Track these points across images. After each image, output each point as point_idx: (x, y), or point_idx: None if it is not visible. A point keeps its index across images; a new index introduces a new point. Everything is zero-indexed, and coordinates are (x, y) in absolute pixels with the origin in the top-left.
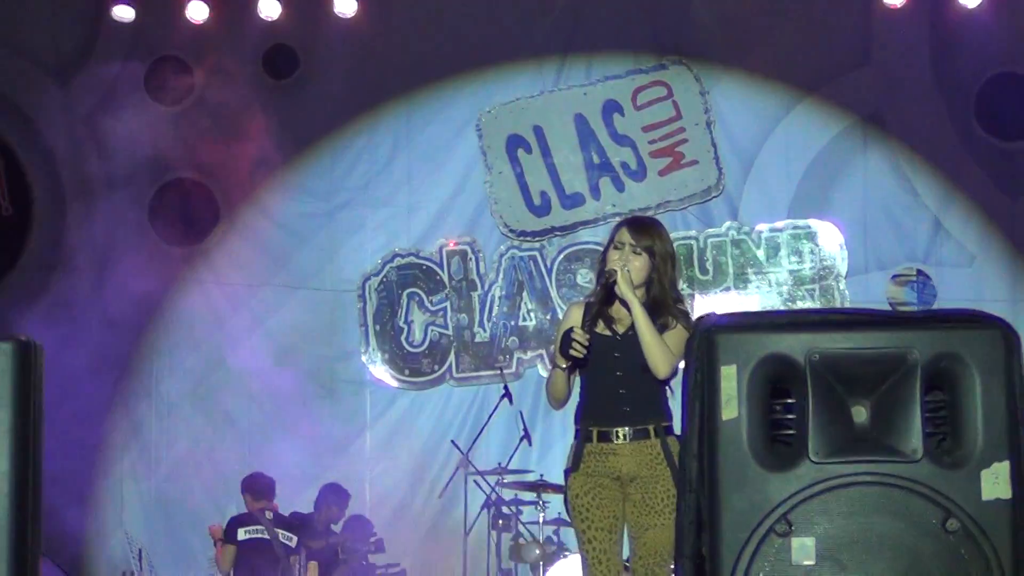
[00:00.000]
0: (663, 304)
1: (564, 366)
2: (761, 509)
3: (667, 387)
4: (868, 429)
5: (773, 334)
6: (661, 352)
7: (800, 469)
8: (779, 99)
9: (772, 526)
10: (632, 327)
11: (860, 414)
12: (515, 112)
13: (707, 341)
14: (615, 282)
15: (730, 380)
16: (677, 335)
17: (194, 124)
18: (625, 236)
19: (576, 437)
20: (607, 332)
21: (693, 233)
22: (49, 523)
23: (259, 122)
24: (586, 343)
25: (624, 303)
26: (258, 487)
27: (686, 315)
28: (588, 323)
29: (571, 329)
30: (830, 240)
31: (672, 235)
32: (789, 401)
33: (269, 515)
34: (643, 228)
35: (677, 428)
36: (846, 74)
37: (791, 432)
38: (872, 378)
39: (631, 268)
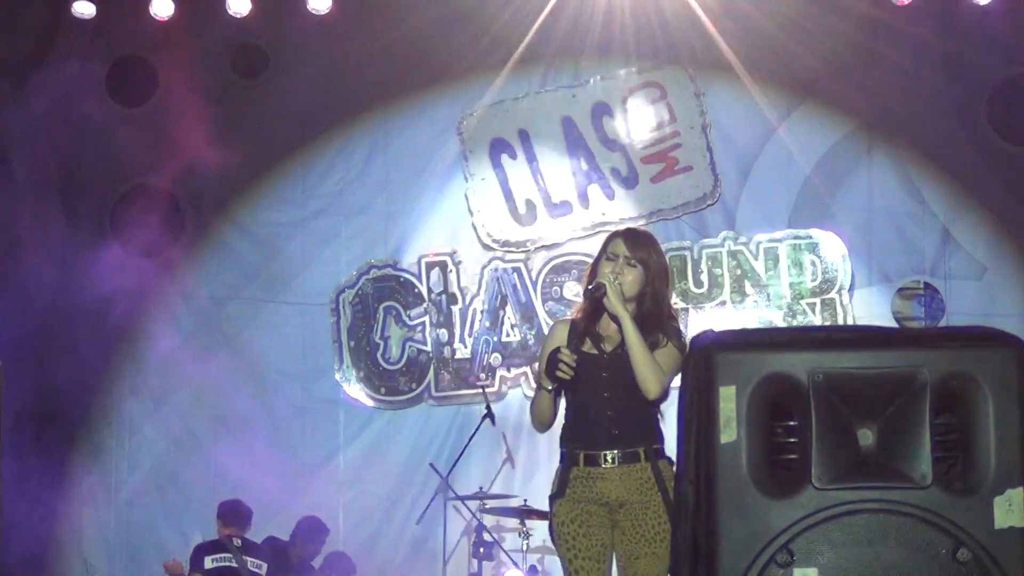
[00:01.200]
0: (655, 320)
1: (550, 388)
2: (761, 538)
3: (658, 408)
4: (874, 453)
5: (774, 353)
6: (652, 371)
7: (803, 495)
8: (779, 101)
9: (773, 556)
10: (621, 345)
11: (866, 437)
12: (499, 115)
13: (704, 360)
14: (604, 295)
15: (729, 401)
16: (669, 353)
17: (158, 127)
18: (620, 247)
19: (561, 461)
20: (594, 350)
21: (687, 243)
22: (3, 550)
23: (227, 125)
24: (574, 364)
25: (614, 318)
26: (232, 514)
27: (679, 332)
28: (575, 342)
29: (558, 349)
30: (832, 251)
31: (665, 245)
32: (791, 423)
33: (237, 542)
34: (639, 240)
35: (669, 451)
36: (850, 75)
37: (793, 456)
38: (879, 399)
39: (623, 281)
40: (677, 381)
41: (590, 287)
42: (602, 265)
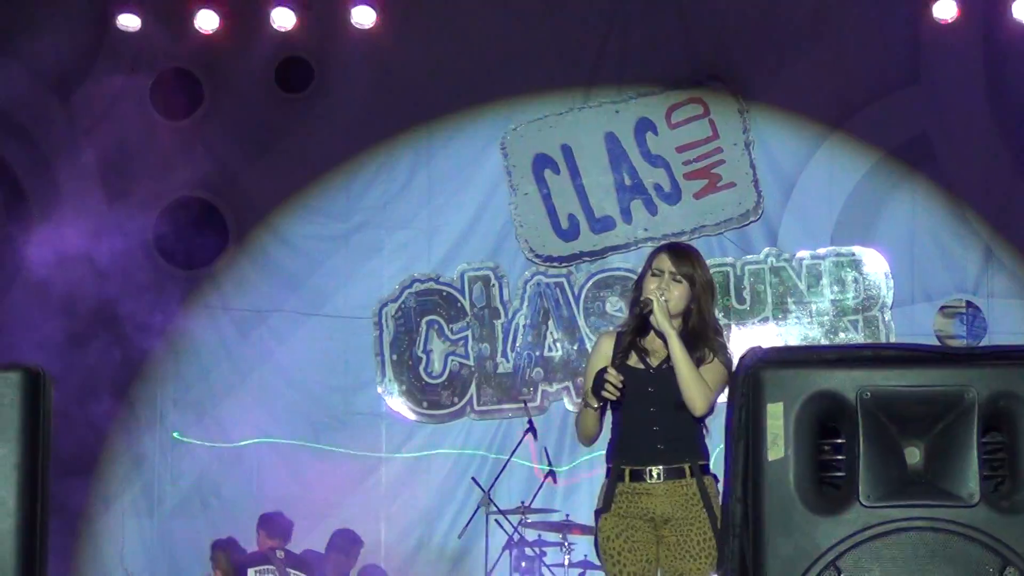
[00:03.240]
0: (701, 336)
1: (596, 406)
2: (809, 555)
3: (704, 424)
4: (922, 471)
5: (822, 370)
6: (699, 387)
7: (850, 513)
8: (822, 120)
9: (820, 573)
10: (667, 360)
11: (913, 455)
12: (542, 130)
13: (752, 377)
14: (651, 311)
15: (776, 418)
16: (715, 369)
17: (202, 140)
18: (665, 263)
19: (607, 476)
20: (640, 365)
21: (730, 260)
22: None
23: (271, 138)
24: (620, 384)
25: (660, 334)
26: (274, 526)
27: (724, 348)
28: (620, 356)
29: (604, 369)
30: (875, 268)
31: (708, 261)
32: (838, 441)
33: (281, 554)
34: (684, 255)
35: (714, 467)
36: (892, 93)
37: (840, 474)
38: (926, 418)
39: (669, 297)
40: (723, 397)
41: (640, 303)
42: (647, 281)
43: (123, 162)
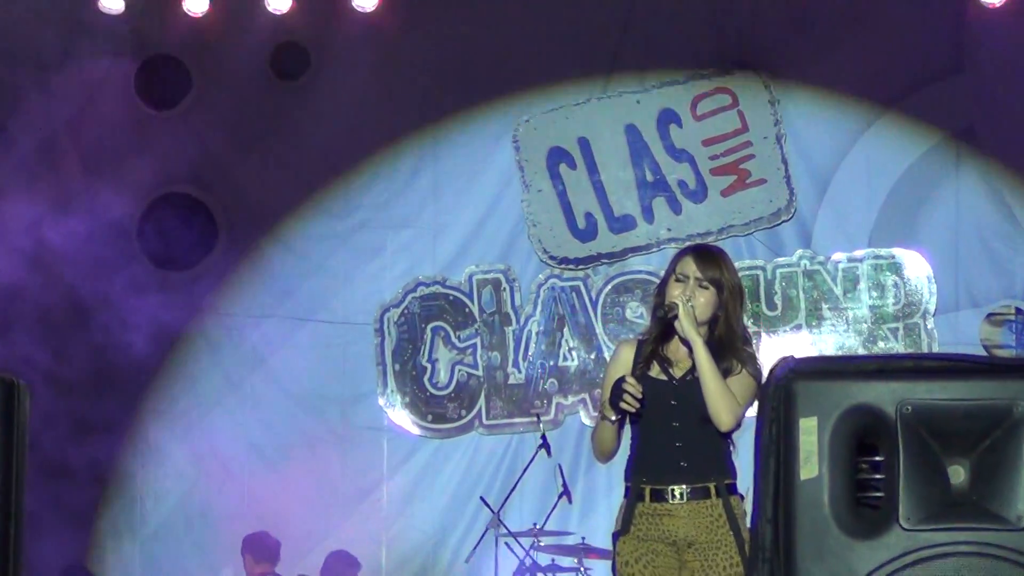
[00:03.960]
0: (729, 345)
1: (613, 419)
2: None
3: (730, 440)
4: (967, 492)
5: (859, 382)
6: (726, 401)
7: (889, 536)
8: (859, 111)
9: None
10: (692, 371)
11: (958, 474)
12: (557, 122)
13: (784, 389)
14: (675, 317)
15: (810, 434)
16: (743, 381)
17: (190, 131)
18: (690, 267)
19: (626, 496)
20: (663, 376)
21: (760, 262)
22: None
23: (264, 130)
24: (640, 395)
25: (685, 343)
26: (262, 548)
27: (754, 359)
28: (641, 365)
29: (623, 378)
30: (916, 272)
31: (736, 264)
32: (877, 459)
33: None
34: (711, 258)
35: (742, 486)
36: (935, 83)
37: (879, 494)
38: (972, 434)
39: (696, 304)
40: (752, 411)
41: (663, 308)
42: (671, 286)
43: (105, 155)
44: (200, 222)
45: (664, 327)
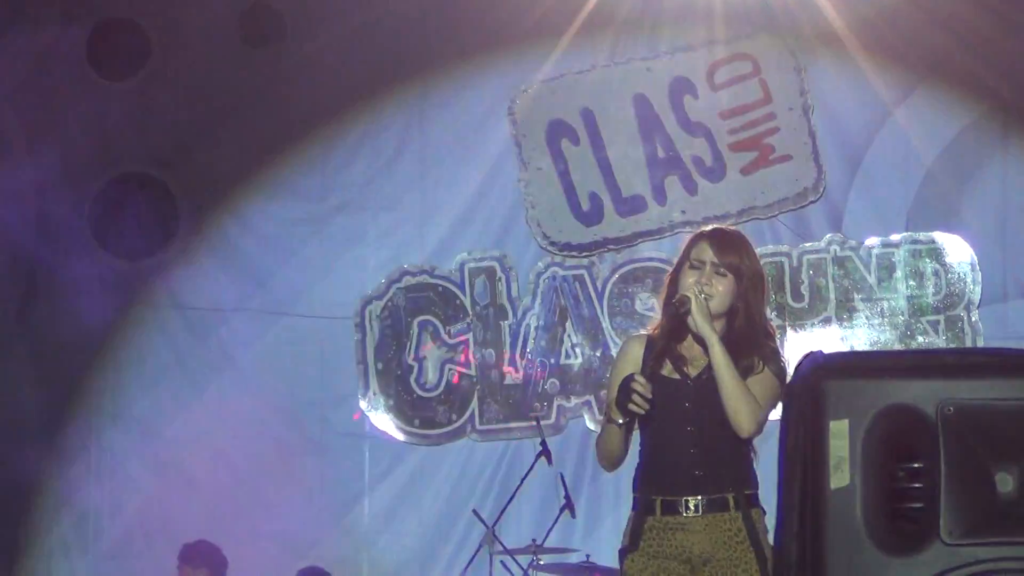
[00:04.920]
0: (749, 340)
1: (621, 421)
2: None
3: (751, 446)
4: (1016, 501)
5: (896, 380)
6: (745, 403)
7: (929, 552)
8: (896, 78)
9: None
10: (708, 368)
11: (1006, 482)
12: (558, 92)
13: (811, 389)
14: (688, 312)
15: (840, 438)
16: (766, 381)
17: (150, 105)
18: (706, 252)
19: (634, 508)
20: (676, 375)
21: (785, 248)
22: None
23: (232, 102)
24: (650, 395)
25: (699, 339)
26: (196, 555)
27: (777, 355)
28: (652, 364)
29: (631, 377)
30: (959, 259)
31: (758, 250)
32: (915, 466)
33: None
34: (729, 243)
35: (764, 498)
36: (982, 47)
37: (918, 505)
38: (1021, 437)
39: (712, 294)
40: (775, 413)
41: (674, 302)
42: (685, 274)
43: (54, 131)
44: (159, 205)
45: (677, 322)
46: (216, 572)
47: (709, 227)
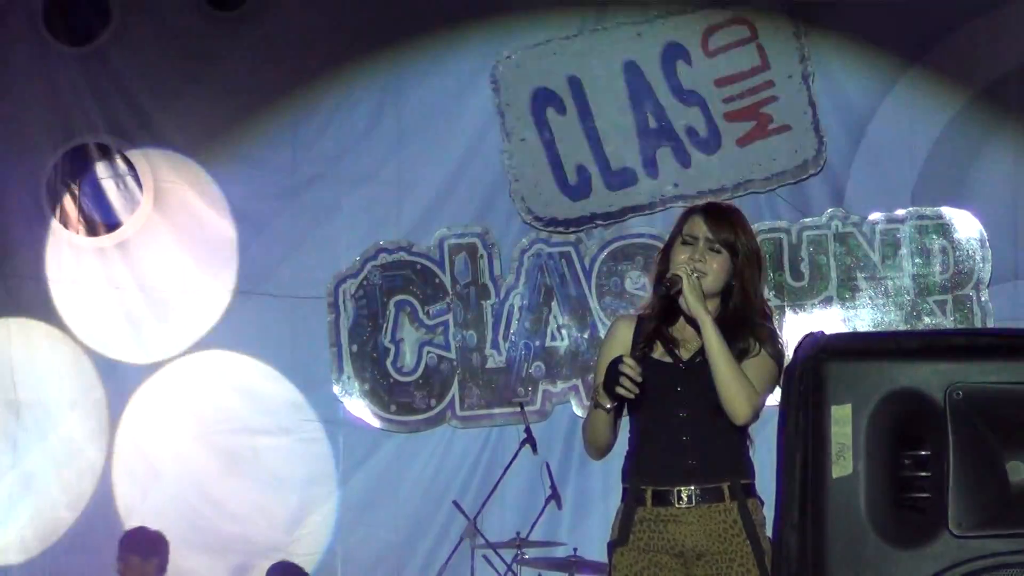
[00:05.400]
0: (745, 320)
1: (609, 406)
2: None
3: (747, 433)
4: None
5: (901, 362)
6: (741, 388)
7: (937, 545)
8: (902, 44)
9: None
10: (701, 351)
11: (1018, 471)
12: (543, 58)
13: (812, 372)
14: (679, 291)
15: (843, 425)
16: (762, 364)
17: (109, 72)
18: (699, 227)
19: (623, 499)
20: (667, 358)
21: (783, 224)
22: None
23: (196, 69)
24: (639, 378)
25: (692, 320)
26: (146, 543)
27: (775, 336)
28: (642, 346)
29: (619, 359)
30: (968, 235)
31: (755, 226)
32: (922, 453)
33: None
34: (724, 217)
35: (761, 488)
36: (993, 11)
37: (925, 495)
38: None
39: (705, 271)
40: (773, 398)
41: (664, 281)
42: (676, 250)
43: (6, 97)
44: (120, 180)
45: (668, 302)
46: (164, 561)
47: (703, 202)
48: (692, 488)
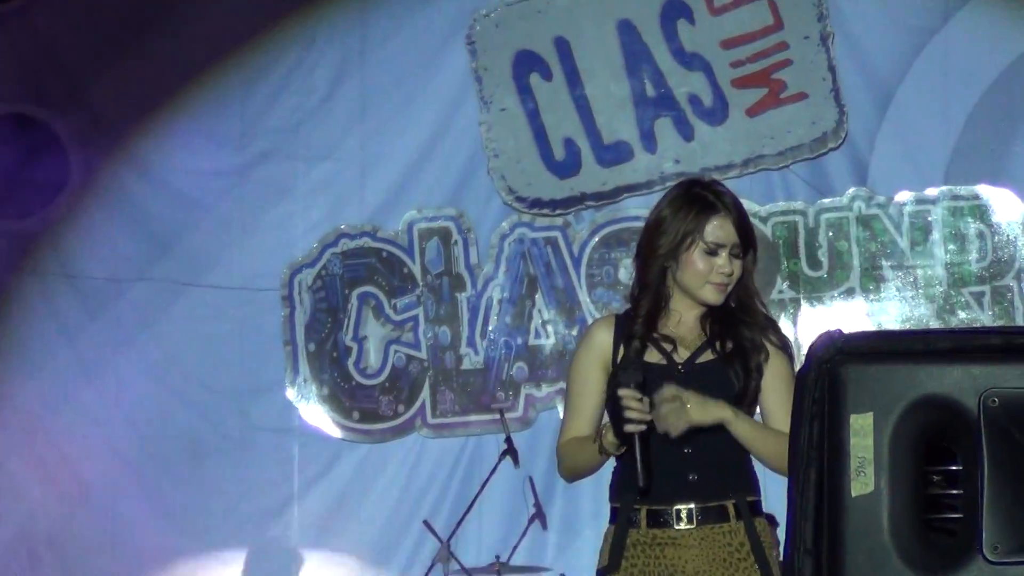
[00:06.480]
0: (748, 309)
1: (619, 452)
2: None
3: None
4: None
5: (930, 365)
6: (777, 446)
7: (970, 571)
8: (933, 1)
9: None
10: (700, 351)
11: None
12: (527, 17)
13: (829, 376)
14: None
15: (863, 436)
16: (782, 370)
17: (30, 33)
18: (729, 233)
19: (612, 520)
20: (662, 360)
21: (799, 205)
22: None
23: (132, 30)
24: (647, 408)
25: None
26: None
27: (776, 326)
28: (633, 352)
29: (616, 394)
30: (1008, 217)
31: (768, 207)
32: (953, 468)
33: None
34: (745, 213)
35: (770, 506)
36: None
37: (956, 515)
38: None
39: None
40: None
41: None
42: (691, 259)
43: None
44: (44, 153)
45: (656, 295)
46: None
47: (710, 189)
48: (692, 506)
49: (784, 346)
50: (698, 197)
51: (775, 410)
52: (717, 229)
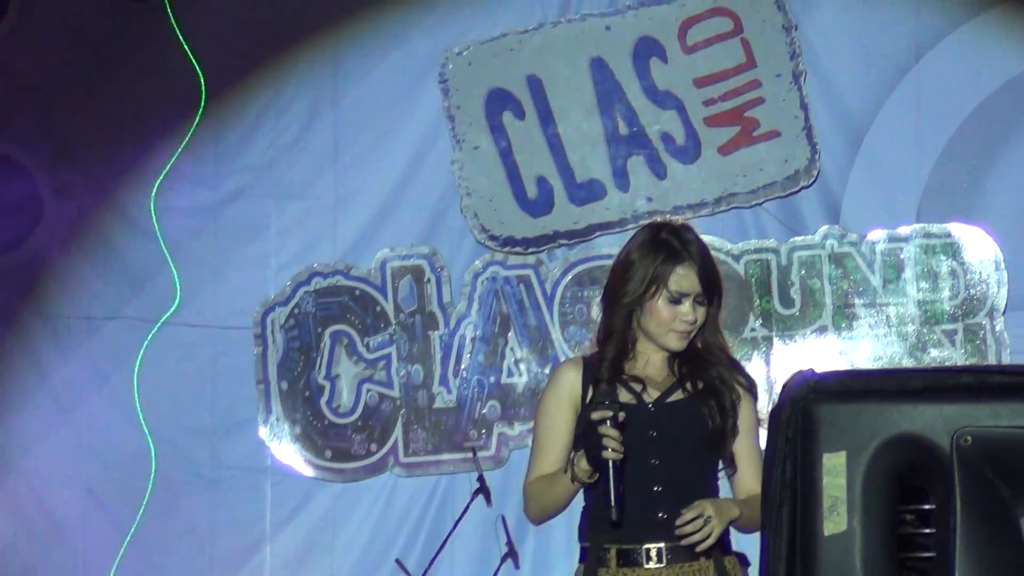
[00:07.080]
0: (713, 349)
1: (588, 480)
2: None
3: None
4: None
5: (902, 404)
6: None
7: None
8: (907, 37)
9: None
10: (671, 390)
11: None
12: (499, 55)
13: (801, 415)
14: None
15: (836, 475)
16: (750, 410)
17: (4, 66)
18: (692, 283)
19: (582, 559)
20: (632, 400)
21: (772, 243)
22: None
23: (106, 66)
24: (620, 439)
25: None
26: None
27: (739, 366)
28: (604, 393)
29: (591, 422)
30: (981, 256)
31: (740, 245)
32: (926, 507)
33: None
34: (709, 259)
35: (742, 546)
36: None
37: (929, 555)
38: None
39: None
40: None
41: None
42: (656, 309)
43: None
44: (16, 189)
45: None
46: None
47: (677, 235)
48: (663, 545)
49: (750, 387)
50: (664, 244)
51: (742, 456)
52: (682, 279)
